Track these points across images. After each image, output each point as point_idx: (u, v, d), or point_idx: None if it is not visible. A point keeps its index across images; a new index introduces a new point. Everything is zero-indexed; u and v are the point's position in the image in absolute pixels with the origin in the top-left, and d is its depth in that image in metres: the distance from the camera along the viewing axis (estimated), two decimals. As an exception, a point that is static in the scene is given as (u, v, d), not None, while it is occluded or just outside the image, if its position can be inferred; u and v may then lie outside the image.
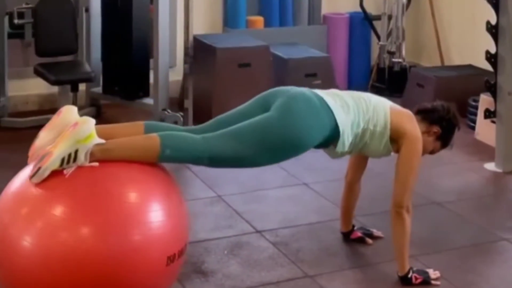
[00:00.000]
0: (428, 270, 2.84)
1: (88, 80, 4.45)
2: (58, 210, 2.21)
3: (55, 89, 4.47)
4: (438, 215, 3.46)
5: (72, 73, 4.36)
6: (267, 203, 3.53)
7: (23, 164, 2.47)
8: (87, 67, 4.44)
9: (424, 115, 2.86)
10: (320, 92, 2.73)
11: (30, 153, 2.45)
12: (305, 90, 2.71)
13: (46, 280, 2.20)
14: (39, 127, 4.44)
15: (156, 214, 2.31)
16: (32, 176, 2.26)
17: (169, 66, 4.61)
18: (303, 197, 3.64)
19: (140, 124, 2.56)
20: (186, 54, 4.44)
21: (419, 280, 2.78)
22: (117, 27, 4.55)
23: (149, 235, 2.27)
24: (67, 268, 2.18)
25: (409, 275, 2.77)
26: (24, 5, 4.43)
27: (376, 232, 3.17)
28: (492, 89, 4.00)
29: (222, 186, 3.71)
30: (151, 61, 4.58)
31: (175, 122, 4.44)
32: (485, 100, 4.37)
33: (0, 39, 4.39)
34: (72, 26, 4.47)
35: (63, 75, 4.29)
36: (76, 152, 2.27)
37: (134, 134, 2.48)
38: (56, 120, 2.44)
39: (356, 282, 2.87)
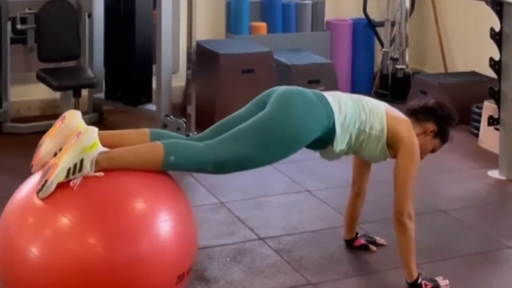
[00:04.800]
0: (437, 278, 2.82)
1: (91, 85, 4.44)
2: (64, 220, 2.18)
3: (57, 94, 4.46)
4: (443, 223, 3.44)
5: (75, 78, 4.35)
6: (270, 210, 3.52)
7: (25, 170, 2.46)
8: (89, 73, 4.43)
9: (417, 116, 2.85)
10: (317, 91, 2.74)
11: (34, 161, 2.43)
12: (299, 87, 2.71)
13: None
14: (41, 132, 4.45)
15: (165, 224, 2.28)
16: (39, 191, 2.23)
17: (172, 72, 4.61)
18: (306, 204, 3.62)
19: (145, 131, 2.55)
20: (189, 60, 4.42)
21: (429, 287, 2.76)
22: (120, 32, 4.55)
23: (158, 248, 2.25)
24: (73, 278, 2.15)
25: (419, 281, 2.75)
26: (27, 10, 4.42)
27: (379, 240, 3.16)
28: (495, 96, 3.99)
29: (225, 192, 3.69)
30: (154, 66, 4.57)
31: (178, 128, 4.43)
32: (488, 107, 4.35)
33: (3, 44, 4.39)
34: (75, 32, 4.47)
35: (66, 80, 4.28)
36: (81, 161, 2.25)
37: (139, 142, 2.47)
38: (59, 127, 2.42)
39: (359, 290, 2.85)
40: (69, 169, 2.24)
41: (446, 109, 2.89)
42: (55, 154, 2.39)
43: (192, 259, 2.43)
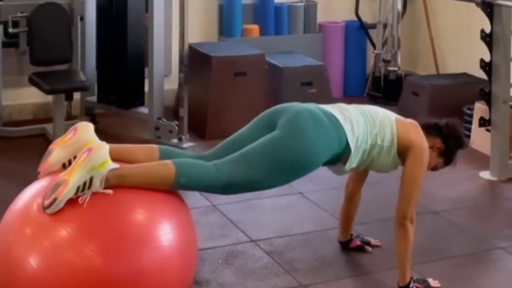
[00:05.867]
0: (428, 279, 2.83)
1: (83, 89, 4.44)
2: (63, 232, 2.18)
3: (49, 98, 4.45)
4: (434, 224, 3.45)
5: (67, 82, 4.35)
6: (262, 213, 3.52)
7: (18, 173, 2.46)
8: (81, 76, 4.43)
9: (430, 130, 2.84)
10: (328, 107, 2.70)
11: (41, 168, 2.43)
12: (311, 105, 2.68)
13: None
14: (33, 136, 4.52)
15: (167, 237, 2.28)
16: (47, 207, 2.22)
17: (164, 75, 4.62)
18: (298, 206, 3.63)
19: (154, 149, 2.55)
20: (181, 62, 4.43)
21: None
22: (112, 35, 4.55)
23: (159, 261, 2.24)
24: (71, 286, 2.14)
25: (410, 285, 2.75)
26: (18, 14, 4.42)
27: (374, 241, 3.16)
28: (486, 97, 4.01)
29: (217, 195, 3.66)
30: (146, 69, 4.57)
31: (170, 131, 4.43)
32: (479, 109, 4.37)
33: (-5, 48, 4.39)
34: (67, 35, 4.46)
35: (58, 84, 4.27)
36: (91, 179, 2.25)
37: (148, 159, 2.47)
38: (70, 138, 2.41)
39: (351, 291, 2.86)
40: (78, 187, 2.24)
41: (457, 131, 2.88)
42: (64, 165, 2.40)
43: (193, 275, 2.44)
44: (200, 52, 4.76)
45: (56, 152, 2.40)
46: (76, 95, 4.63)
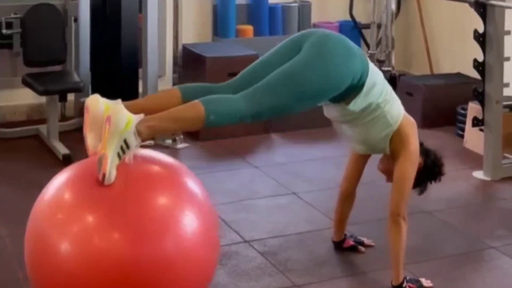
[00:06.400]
0: (421, 279, 2.84)
1: (77, 90, 4.43)
2: (92, 217, 2.23)
3: (43, 99, 4.45)
4: (427, 224, 3.46)
5: (61, 83, 4.34)
6: (256, 213, 3.53)
7: (11, 174, 2.46)
8: (75, 77, 4.43)
9: (420, 145, 2.83)
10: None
11: (90, 154, 2.44)
12: (339, 34, 2.67)
13: (83, 285, 2.20)
14: (27, 137, 4.51)
15: (192, 226, 2.31)
16: (102, 181, 2.27)
17: (158, 76, 4.61)
18: (292, 206, 3.63)
19: (176, 91, 2.52)
20: (175, 63, 4.44)
21: None
22: (106, 36, 4.55)
23: (184, 248, 2.28)
24: (101, 273, 2.18)
25: (404, 285, 2.76)
26: (12, 15, 4.41)
27: (367, 241, 3.17)
28: (480, 97, 4.02)
29: (211, 195, 3.63)
30: (140, 70, 4.57)
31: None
32: (473, 109, 4.38)
33: (-12, 49, 4.38)
34: (61, 36, 4.46)
35: (51, 85, 4.27)
36: (125, 141, 2.27)
37: (172, 103, 2.44)
38: (88, 118, 2.41)
39: (344, 291, 2.87)
40: (118, 153, 2.27)
41: (441, 164, 2.89)
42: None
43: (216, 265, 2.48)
44: (194, 52, 4.76)
45: (88, 138, 2.42)
46: (70, 96, 4.62)
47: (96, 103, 2.40)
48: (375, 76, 2.65)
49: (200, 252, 2.33)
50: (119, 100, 2.37)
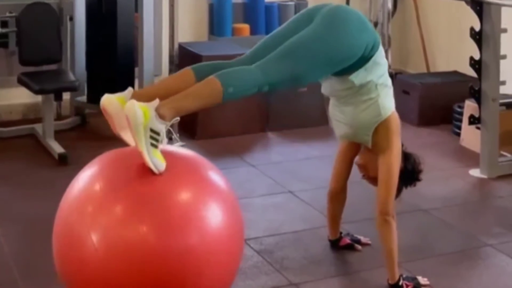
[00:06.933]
0: (417, 277, 2.83)
1: (72, 89, 4.42)
2: (120, 209, 2.25)
3: (39, 98, 4.44)
4: (424, 222, 3.46)
5: (56, 82, 4.33)
6: (252, 211, 3.52)
7: (7, 173, 2.45)
8: (71, 76, 4.42)
9: (404, 151, 2.84)
10: None
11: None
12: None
13: (111, 276, 2.22)
14: (23, 136, 4.50)
15: (217, 219, 2.33)
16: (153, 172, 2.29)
17: (154, 75, 4.61)
18: (288, 205, 3.63)
19: (189, 71, 2.51)
20: (171, 62, 4.44)
21: (409, 287, 2.77)
22: (102, 35, 4.54)
23: (209, 241, 2.29)
24: (130, 264, 2.20)
25: (400, 283, 2.76)
26: (7, 14, 4.41)
27: (364, 239, 3.16)
28: (476, 95, 4.02)
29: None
30: (136, 69, 4.56)
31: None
32: (469, 107, 4.38)
33: (-16, 48, 4.37)
34: (56, 35, 4.45)
35: (47, 84, 4.26)
36: (152, 131, 2.27)
37: (187, 84, 2.44)
38: (112, 119, 2.41)
39: (341, 290, 2.86)
40: (153, 144, 2.28)
41: (417, 166, 2.88)
42: None
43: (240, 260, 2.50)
44: (190, 51, 4.75)
45: (124, 136, 2.43)
46: (66, 95, 4.60)
47: (110, 102, 2.40)
48: (382, 58, 2.68)
49: (225, 246, 2.34)
50: (130, 89, 2.39)
